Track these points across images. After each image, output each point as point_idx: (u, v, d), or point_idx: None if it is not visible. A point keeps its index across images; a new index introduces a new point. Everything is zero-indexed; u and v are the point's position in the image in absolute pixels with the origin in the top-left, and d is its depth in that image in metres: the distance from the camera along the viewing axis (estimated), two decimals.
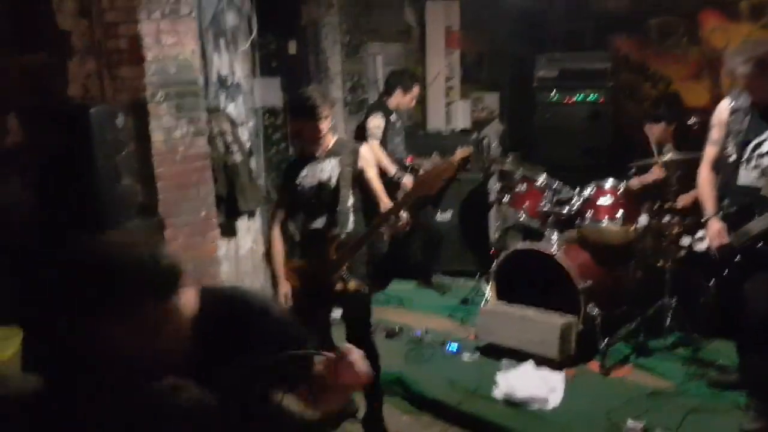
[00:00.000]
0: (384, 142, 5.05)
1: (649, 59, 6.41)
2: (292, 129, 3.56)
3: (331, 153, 3.39)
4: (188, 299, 1.50)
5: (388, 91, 5.26)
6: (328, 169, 3.36)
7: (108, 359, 1.63)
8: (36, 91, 4.34)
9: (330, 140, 3.41)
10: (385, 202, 3.40)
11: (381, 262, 5.26)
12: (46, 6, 4.03)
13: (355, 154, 3.39)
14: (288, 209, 3.49)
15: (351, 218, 3.34)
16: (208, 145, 4.21)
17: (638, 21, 6.34)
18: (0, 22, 4.36)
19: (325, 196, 3.36)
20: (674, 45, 6.24)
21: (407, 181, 4.85)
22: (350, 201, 3.35)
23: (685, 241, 3.81)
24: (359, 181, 3.39)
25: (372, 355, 3.39)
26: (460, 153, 5.24)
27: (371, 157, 3.52)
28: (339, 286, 3.22)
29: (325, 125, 3.32)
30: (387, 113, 5.13)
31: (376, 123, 5.03)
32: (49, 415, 2.49)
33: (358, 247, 3.21)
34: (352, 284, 3.24)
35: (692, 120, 4.86)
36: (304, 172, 3.39)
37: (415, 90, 5.26)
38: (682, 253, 3.92)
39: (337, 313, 3.56)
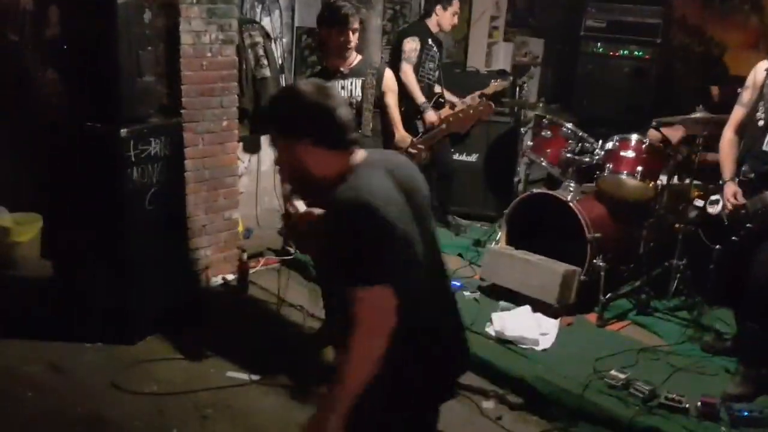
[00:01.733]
0: (417, 67, 4.93)
1: (707, 22, 6.15)
2: (320, 38, 3.47)
3: (354, 72, 3.35)
4: None
5: (428, 10, 5.09)
6: (349, 87, 3.33)
7: None
8: None
9: (354, 57, 3.36)
10: (401, 133, 3.38)
11: None
12: None
13: (380, 76, 3.35)
14: None
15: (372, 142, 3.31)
16: (236, 55, 4.23)
17: None
18: None
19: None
20: (735, 10, 5.97)
21: (430, 115, 4.79)
22: (370, 124, 3.33)
23: (699, 202, 3.72)
24: (380, 105, 3.36)
25: None
26: (494, 86, 5.23)
27: (394, 83, 3.47)
28: None
29: (352, 37, 3.27)
30: (424, 36, 4.95)
31: (411, 46, 4.86)
32: (62, 298, 2.62)
33: (426, 144, 3.21)
34: None
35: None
36: None
37: (456, 4, 5.01)
38: (694, 214, 3.83)
39: None
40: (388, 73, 3.41)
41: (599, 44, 5.87)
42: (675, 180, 4.03)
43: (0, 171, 4.62)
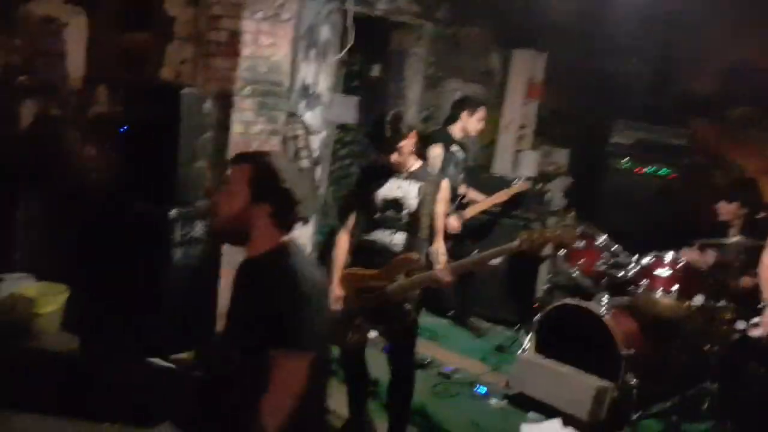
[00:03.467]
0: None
1: (726, 148, 6.32)
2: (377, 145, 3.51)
3: (413, 176, 3.39)
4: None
5: (453, 116, 5.14)
6: (406, 188, 3.36)
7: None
8: (131, 67, 4.57)
9: (413, 163, 3.41)
10: (438, 244, 3.37)
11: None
12: None
13: (437, 185, 3.39)
14: (359, 214, 3.46)
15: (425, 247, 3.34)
16: (281, 145, 4.34)
17: (721, 107, 6.27)
18: (113, 1, 4.63)
19: (400, 215, 3.34)
20: (754, 137, 6.15)
21: (451, 222, 4.76)
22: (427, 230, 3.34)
23: (740, 324, 3.70)
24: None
25: (410, 382, 3.41)
26: (518, 187, 5.30)
27: (448, 193, 3.51)
28: (399, 311, 3.21)
29: (403, 151, 3.31)
30: (448, 142, 5.02)
31: (435, 152, 4.92)
32: (80, 375, 2.63)
33: (459, 270, 3.20)
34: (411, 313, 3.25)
35: (764, 214, 4.75)
36: (380, 183, 3.39)
37: (481, 111, 5.10)
38: (735, 336, 3.81)
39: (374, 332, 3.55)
40: (445, 184, 3.45)
41: (626, 159, 6.01)
42: (711, 302, 4.02)
43: (32, 239, 4.65)
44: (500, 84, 6.60)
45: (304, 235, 5.12)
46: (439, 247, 3.36)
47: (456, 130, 5.12)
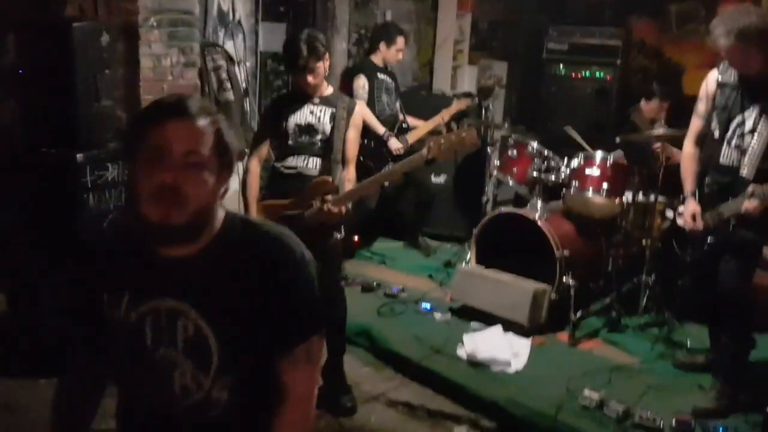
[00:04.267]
0: (371, 102, 4.95)
1: (665, 44, 6.27)
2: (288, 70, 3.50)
3: (325, 101, 3.32)
4: None
5: (372, 47, 5.19)
6: (318, 114, 3.30)
7: None
8: (34, 9, 4.31)
9: (325, 88, 3.33)
10: (350, 172, 3.31)
11: (368, 219, 5.23)
12: None
13: (350, 109, 3.33)
14: (269, 143, 3.40)
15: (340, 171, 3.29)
16: (198, 78, 4.17)
17: (659, 3, 6.19)
18: None
19: (313, 140, 3.29)
20: (692, 32, 6.11)
21: (393, 143, 4.81)
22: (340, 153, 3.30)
23: (669, 213, 3.73)
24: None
25: (340, 304, 3.36)
26: (457, 104, 5.27)
27: (361, 120, 3.42)
28: (318, 235, 3.12)
29: (319, 73, 3.22)
30: (371, 72, 5.04)
31: (359, 83, 4.97)
32: (9, 333, 2.38)
33: (350, 199, 3.12)
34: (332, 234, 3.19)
35: None
36: (292, 110, 3.31)
37: (400, 41, 5.12)
38: (666, 224, 3.85)
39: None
40: (358, 109, 3.39)
41: (561, 66, 5.97)
42: (640, 196, 4.05)
43: None
44: None
45: (239, 170, 5.02)
46: (348, 174, 3.30)
47: (377, 60, 5.13)
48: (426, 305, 4.22)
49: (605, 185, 3.95)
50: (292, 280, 1.46)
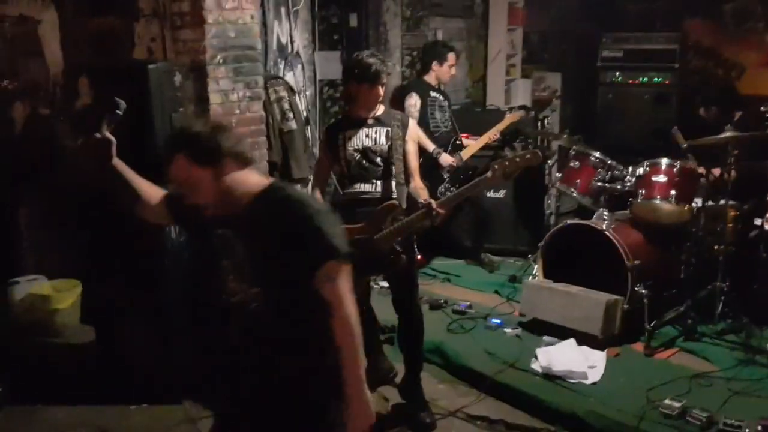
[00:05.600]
0: (425, 120, 5.03)
1: (722, 45, 6.17)
2: (347, 91, 3.47)
3: (380, 121, 3.38)
4: None
5: (424, 66, 5.27)
6: (374, 136, 3.36)
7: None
8: (105, 53, 4.55)
9: (378, 108, 3.41)
10: (417, 183, 3.35)
11: (428, 237, 5.27)
12: None
13: (404, 125, 3.40)
14: (331, 170, 3.48)
15: (404, 191, 3.36)
16: (263, 110, 4.32)
17: (714, 4, 6.11)
18: None
19: (373, 163, 3.34)
20: (750, 30, 6.00)
21: (445, 158, 4.87)
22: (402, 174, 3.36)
23: (757, 221, 3.67)
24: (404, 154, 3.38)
25: (417, 321, 3.43)
26: (510, 117, 5.29)
27: (417, 132, 3.52)
28: (391, 256, 3.17)
29: (381, 91, 3.32)
30: (423, 91, 5.12)
31: (410, 102, 5.05)
32: (101, 363, 2.70)
33: (415, 224, 3.15)
34: (402, 255, 3.21)
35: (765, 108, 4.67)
36: (348, 136, 3.37)
37: (451, 58, 5.19)
38: (754, 233, 3.77)
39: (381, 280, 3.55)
40: (412, 123, 3.46)
41: (617, 73, 5.94)
42: (710, 202, 3.99)
43: (38, 240, 4.73)
44: (482, 15, 6.48)
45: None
46: (418, 184, 3.33)
47: (431, 78, 5.21)
48: (496, 320, 4.24)
49: (673, 192, 3.92)
50: (305, 224, 1.97)
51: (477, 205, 5.43)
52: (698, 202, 3.97)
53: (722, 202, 3.94)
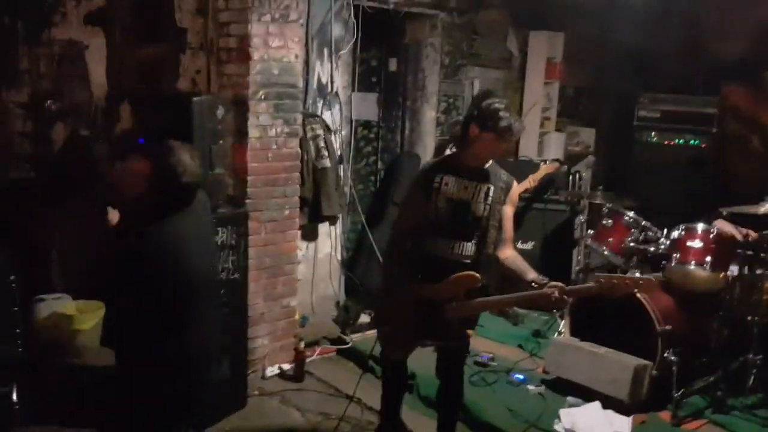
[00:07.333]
0: None
1: (761, 111, 6.13)
2: (467, 133, 2.97)
3: (484, 176, 3.00)
4: None
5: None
6: (473, 191, 3.00)
7: None
8: (149, 81, 4.65)
9: (488, 162, 3.04)
10: (514, 252, 3.07)
11: None
12: (168, 4, 4.33)
13: (508, 189, 3.04)
14: (419, 218, 3.04)
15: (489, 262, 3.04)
16: (299, 147, 4.36)
17: (753, 70, 6.08)
18: (126, 17, 4.72)
19: (464, 221, 3.00)
20: None
21: None
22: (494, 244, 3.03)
23: None
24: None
25: (461, 390, 3.36)
26: (546, 168, 5.25)
27: (517, 196, 3.16)
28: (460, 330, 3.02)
29: (503, 149, 2.98)
30: None
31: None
32: (119, 388, 2.73)
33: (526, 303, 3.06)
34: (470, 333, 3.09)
35: None
36: (447, 181, 3.00)
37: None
38: None
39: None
40: (516, 186, 3.09)
41: (653, 133, 5.92)
42: (746, 271, 3.91)
43: (66, 259, 4.77)
44: (520, 67, 6.52)
45: (333, 234, 5.16)
46: (510, 252, 3.04)
47: None
48: (519, 376, 4.16)
49: (708, 258, 3.85)
50: None
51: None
52: (734, 270, 3.89)
53: (759, 272, 3.86)
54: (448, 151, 5.09)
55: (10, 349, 3.68)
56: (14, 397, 3.57)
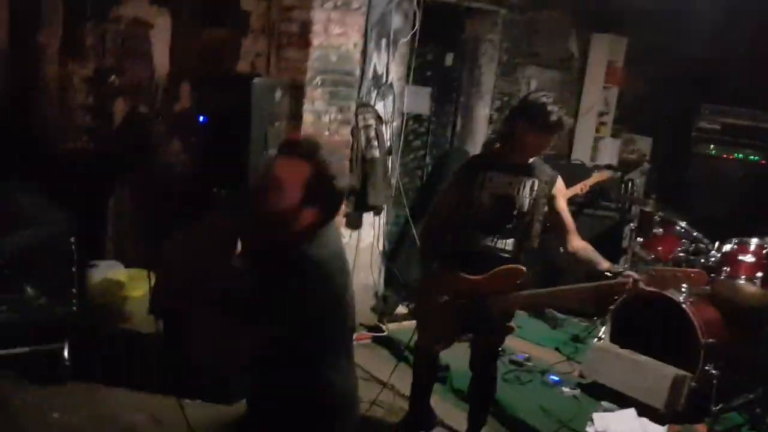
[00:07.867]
0: None
1: None
2: (513, 129, 2.99)
3: (529, 172, 2.98)
4: None
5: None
6: (518, 186, 2.98)
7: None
8: (210, 62, 4.77)
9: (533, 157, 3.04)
10: (581, 242, 3.05)
11: None
12: None
13: (552, 183, 3.02)
14: (459, 214, 3.02)
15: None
16: (351, 135, 4.41)
17: None
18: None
19: (510, 216, 2.99)
20: None
21: None
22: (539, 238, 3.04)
23: None
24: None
25: (494, 383, 3.39)
26: (597, 176, 5.19)
27: (564, 188, 3.15)
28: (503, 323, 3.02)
29: (552, 143, 2.97)
30: None
31: None
32: (163, 354, 2.70)
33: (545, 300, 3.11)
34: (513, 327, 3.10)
35: None
36: (488, 177, 2.98)
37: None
38: None
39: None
40: (560, 180, 3.08)
41: (712, 146, 5.80)
42: None
43: (120, 228, 4.93)
44: (579, 70, 6.44)
45: (376, 224, 5.20)
46: (579, 242, 3.02)
47: None
48: (554, 377, 4.15)
49: (760, 274, 3.77)
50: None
51: (548, 260, 5.34)
52: None
53: None
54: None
55: (65, 308, 3.85)
56: (65, 354, 3.73)
